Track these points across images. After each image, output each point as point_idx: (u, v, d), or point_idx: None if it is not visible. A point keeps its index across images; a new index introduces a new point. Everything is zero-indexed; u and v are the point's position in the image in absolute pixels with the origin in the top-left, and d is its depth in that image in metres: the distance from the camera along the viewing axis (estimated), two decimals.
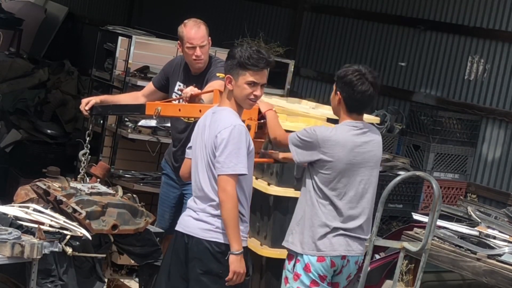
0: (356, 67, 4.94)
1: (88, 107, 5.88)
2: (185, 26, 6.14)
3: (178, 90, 6.18)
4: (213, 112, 4.96)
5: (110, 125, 7.84)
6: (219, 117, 4.87)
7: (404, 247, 5.77)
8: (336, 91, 4.98)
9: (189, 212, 4.96)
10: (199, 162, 4.92)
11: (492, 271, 5.97)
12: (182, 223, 4.96)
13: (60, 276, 4.79)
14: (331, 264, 4.87)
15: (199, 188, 4.91)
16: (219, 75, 6.00)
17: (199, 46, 6.07)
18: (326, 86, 10.43)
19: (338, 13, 10.53)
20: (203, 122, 4.98)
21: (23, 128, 10.28)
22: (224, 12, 12.00)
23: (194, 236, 4.84)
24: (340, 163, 4.88)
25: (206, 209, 4.86)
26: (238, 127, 4.79)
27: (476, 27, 8.93)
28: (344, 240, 4.89)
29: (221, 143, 4.75)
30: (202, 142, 4.90)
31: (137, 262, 5.32)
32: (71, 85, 10.94)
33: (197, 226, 4.85)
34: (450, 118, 8.67)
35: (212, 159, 4.82)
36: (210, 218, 4.85)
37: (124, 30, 8.74)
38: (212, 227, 4.83)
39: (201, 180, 4.89)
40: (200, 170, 4.90)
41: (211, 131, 4.85)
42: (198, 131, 5.00)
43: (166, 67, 6.46)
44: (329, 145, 4.86)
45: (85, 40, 14.46)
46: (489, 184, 8.66)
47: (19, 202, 5.29)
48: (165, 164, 6.45)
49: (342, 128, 4.96)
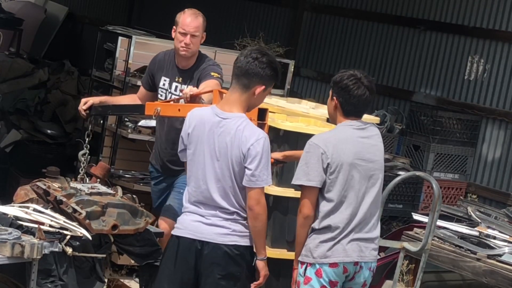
0: (351, 72, 4.95)
1: (86, 107, 5.88)
2: (184, 13, 6.14)
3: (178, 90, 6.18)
4: (222, 117, 4.79)
5: (110, 125, 7.84)
6: (245, 127, 4.76)
7: (404, 247, 5.78)
8: (332, 97, 4.97)
9: (195, 217, 4.85)
10: (207, 171, 4.79)
11: (492, 271, 5.97)
12: (191, 229, 4.83)
13: (60, 276, 4.78)
14: (344, 270, 4.83)
15: (207, 197, 4.81)
16: (214, 75, 5.99)
17: (190, 35, 6.06)
18: (326, 86, 10.43)
19: (338, 13, 10.54)
20: (209, 129, 4.80)
21: (23, 128, 10.28)
22: (224, 12, 12.01)
23: (210, 242, 4.78)
24: (348, 159, 4.85)
25: (218, 214, 4.81)
26: (266, 137, 4.80)
27: (476, 27, 8.94)
28: (357, 246, 4.83)
29: (256, 155, 4.70)
30: (214, 152, 4.78)
31: (137, 262, 5.31)
32: (71, 85, 10.94)
33: (212, 232, 4.79)
34: (450, 118, 8.67)
35: (235, 170, 4.75)
36: (224, 222, 4.80)
37: (124, 30, 8.73)
38: (229, 231, 4.80)
39: (211, 190, 4.79)
40: (209, 180, 4.79)
41: (235, 142, 4.73)
42: (201, 138, 4.82)
43: (149, 66, 6.44)
44: (331, 145, 4.83)
45: (85, 40, 14.46)
46: (489, 184, 8.66)
47: (19, 202, 5.29)
48: (152, 169, 6.45)
49: (341, 128, 4.94)
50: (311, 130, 5.96)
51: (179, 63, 6.20)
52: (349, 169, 4.82)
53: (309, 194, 4.80)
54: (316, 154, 4.79)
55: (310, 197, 4.80)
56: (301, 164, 4.83)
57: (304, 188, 4.81)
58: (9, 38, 13.14)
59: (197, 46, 6.12)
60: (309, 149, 4.83)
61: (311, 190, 4.80)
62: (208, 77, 5.97)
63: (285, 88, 8.74)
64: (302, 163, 4.82)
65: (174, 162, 6.18)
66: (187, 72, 6.16)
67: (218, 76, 6.04)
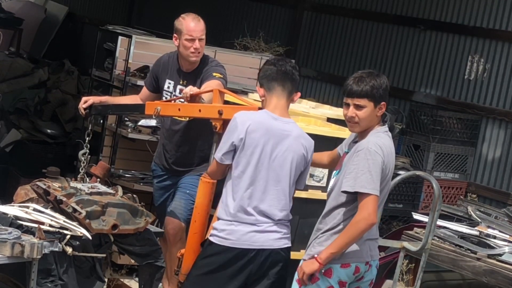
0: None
1: (86, 106, 5.88)
2: (184, 19, 6.11)
3: (178, 90, 6.18)
4: (285, 122, 4.93)
5: (110, 124, 7.84)
6: (304, 133, 5.01)
7: (404, 246, 5.78)
8: (380, 106, 4.84)
9: (246, 227, 4.85)
10: (270, 179, 4.86)
11: (492, 270, 5.97)
12: (244, 239, 4.83)
13: (60, 276, 4.78)
14: (355, 270, 4.79)
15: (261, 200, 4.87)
16: (216, 75, 5.99)
17: (198, 39, 6.06)
18: (326, 86, 10.43)
19: (338, 13, 10.54)
20: (271, 136, 4.88)
21: (23, 128, 10.28)
22: (224, 12, 12.01)
23: (266, 249, 4.84)
24: (392, 167, 4.80)
25: (268, 220, 4.87)
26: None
27: (476, 27, 8.94)
28: (367, 246, 4.77)
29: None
30: (277, 160, 4.86)
31: (137, 262, 5.31)
32: (71, 84, 10.94)
33: (268, 238, 4.85)
34: (450, 118, 8.67)
35: (296, 175, 4.94)
36: (274, 226, 4.87)
37: (124, 30, 8.72)
38: (280, 234, 4.90)
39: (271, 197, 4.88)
40: (271, 186, 4.87)
41: (298, 145, 4.89)
42: (262, 147, 4.86)
43: (153, 68, 6.45)
44: (385, 152, 4.73)
45: (85, 40, 14.46)
46: (489, 184, 8.66)
47: (18, 201, 5.29)
48: (155, 168, 6.46)
49: (383, 135, 4.80)
50: (311, 130, 5.95)
51: (183, 66, 6.21)
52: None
53: (376, 202, 4.62)
54: (379, 162, 4.65)
55: (376, 205, 4.63)
56: (363, 172, 4.62)
57: (372, 196, 4.61)
58: (9, 37, 13.15)
59: (203, 48, 6.14)
60: (371, 156, 4.64)
61: (376, 199, 4.63)
62: (210, 77, 5.98)
63: None
64: (364, 170, 4.62)
65: (179, 164, 6.21)
66: (191, 75, 6.17)
67: (221, 76, 6.04)
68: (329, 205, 4.80)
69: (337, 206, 4.74)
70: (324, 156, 5.26)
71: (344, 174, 4.69)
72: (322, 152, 5.26)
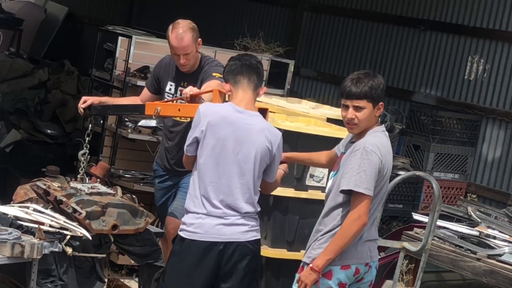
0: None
1: (85, 106, 5.88)
2: (171, 33, 6.07)
3: (178, 90, 6.18)
4: (249, 115, 4.93)
5: (110, 125, 7.84)
6: (270, 126, 5.01)
7: (404, 247, 5.79)
8: (378, 106, 4.78)
9: (214, 220, 4.88)
10: (234, 173, 4.88)
11: (492, 271, 5.98)
12: (212, 232, 4.86)
13: (60, 276, 4.78)
14: (355, 272, 4.79)
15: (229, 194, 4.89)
16: (216, 75, 5.99)
17: (182, 55, 6.07)
18: (326, 86, 10.44)
19: (338, 13, 10.54)
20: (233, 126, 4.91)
21: (23, 128, 10.27)
22: (224, 12, 12.00)
23: (233, 241, 4.86)
24: (390, 167, 4.80)
25: (235, 213, 4.88)
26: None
27: (476, 27, 8.94)
28: (367, 247, 4.77)
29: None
30: (240, 153, 4.88)
31: (137, 262, 5.31)
32: (71, 85, 10.94)
33: (235, 231, 4.87)
34: (450, 118, 8.68)
35: (261, 168, 4.95)
36: (242, 219, 4.89)
37: (124, 30, 8.72)
38: (248, 227, 4.91)
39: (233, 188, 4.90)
40: (235, 180, 4.89)
41: (261, 139, 4.88)
42: (224, 140, 4.89)
43: (155, 69, 6.45)
44: (383, 153, 4.73)
45: (85, 40, 14.46)
46: (489, 184, 8.67)
47: (18, 201, 5.28)
48: (157, 168, 6.46)
49: (380, 134, 4.82)
50: (311, 130, 5.96)
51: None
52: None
53: (368, 202, 4.62)
54: (375, 162, 4.63)
55: (368, 205, 4.63)
56: (358, 171, 4.61)
57: (364, 196, 4.61)
58: (9, 38, 13.15)
59: (194, 58, 6.12)
60: (367, 156, 4.63)
61: (369, 199, 4.63)
62: (210, 77, 5.97)
63: (285, 88, 8.73)
64: (359, 169, 4.60)
65: (180, 164, 6.20)
66: (192, 76, 6.17)
67: (221, 76, 6.03)
68: (328, 206, 4.79)
69: (335, 207, 4.74)
70: (322, 155, 5.26)
71: (342, 174, 4.70)
72: (320, 152, 5.27)
